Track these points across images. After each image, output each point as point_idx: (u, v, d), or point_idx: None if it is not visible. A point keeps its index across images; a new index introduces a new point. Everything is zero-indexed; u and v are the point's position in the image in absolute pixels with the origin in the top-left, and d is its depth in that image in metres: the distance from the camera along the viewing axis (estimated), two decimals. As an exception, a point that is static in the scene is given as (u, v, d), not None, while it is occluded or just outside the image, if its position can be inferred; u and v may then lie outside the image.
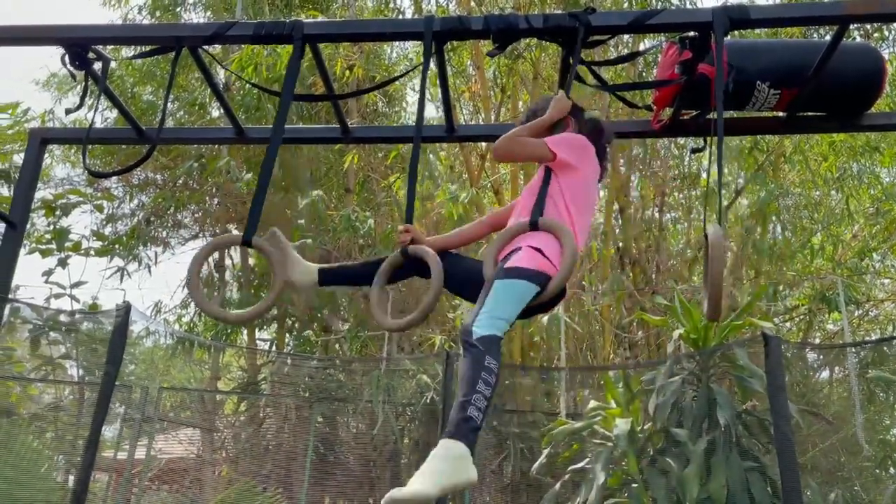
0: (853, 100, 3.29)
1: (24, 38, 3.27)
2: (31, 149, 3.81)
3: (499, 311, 2.33)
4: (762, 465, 4.92)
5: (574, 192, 2.65)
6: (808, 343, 9.30)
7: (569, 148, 2.67)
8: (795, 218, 10.27)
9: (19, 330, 7.24)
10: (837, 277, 8.50)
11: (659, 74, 3.32)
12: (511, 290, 2.38)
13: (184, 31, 3.31)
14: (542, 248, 2.46)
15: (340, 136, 3.82)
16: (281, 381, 9.19)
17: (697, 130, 3.50)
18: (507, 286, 2.38)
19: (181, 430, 9.31)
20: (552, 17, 2.90)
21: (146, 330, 9.94)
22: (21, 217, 3.72)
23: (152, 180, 11.59)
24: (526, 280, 2.40)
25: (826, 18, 2.93)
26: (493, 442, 7.75)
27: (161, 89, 10.68)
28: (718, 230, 2.44)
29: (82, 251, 8.03)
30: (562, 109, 2.76)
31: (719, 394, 5.07)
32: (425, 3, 10.47)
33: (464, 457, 2.08)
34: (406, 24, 3.41)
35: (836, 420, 6.42)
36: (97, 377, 7.38)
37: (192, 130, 6.50)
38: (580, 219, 2.64)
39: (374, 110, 11.22)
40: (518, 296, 2.39)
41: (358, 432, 8.62)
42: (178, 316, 11.38)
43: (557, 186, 2.63)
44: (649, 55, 7.74)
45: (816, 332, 10.94)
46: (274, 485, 7.75)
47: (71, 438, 7.07)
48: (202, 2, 11.46)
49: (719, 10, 2.82)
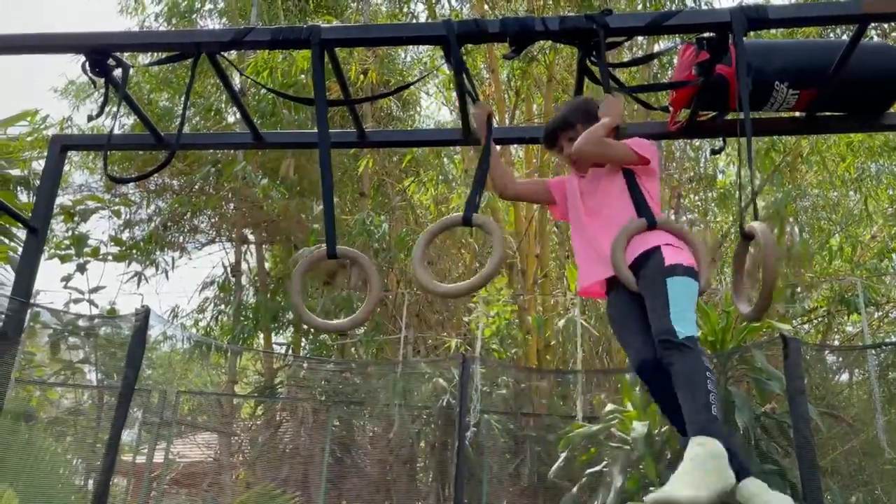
0: (873, 99, 3.26)
1: (45, 46, 3.31)
2: (51, 155, 3.85)
3: (687, 309, 2.36)
4: (782, 469, 4.88)
5: (656, 194, 2.76)
6: (828, 345, 9.22)
7: (651, 152, 2.75)
8: (813, 219, 10.19)
9: (39, 334, 7.32)
10: (856, 279, 8.42)
11: (676, 76, 3.30)
12: (688, 287, 2.42)
13: (202, 37, 3.33)
14: (682, 247, 2.54)
15: (357, 141, 3.83)
16: (297, 384, 9.22)
17: (715, 132, 3.48)
18: (685, 284, 2.41)
19: (199, 434, 9.35)
20: (569, 20, 2.89)
21: (164, 334, 10.01)
22: (42, 223, 3.76)
23: (169, 186, 11.68)
24: (693, 278, 2.45)
25: (844, 18, 2.91)
26: (510, 445, 7.74)
27: (177, 95, 10.78)
28: (766, 226, 2.42)
29: (101, 256, 8.11)
30: (618, 116, 2.79)
31: (737, 396, 5.03)
32: (438, 7, 10.51)
33: (722, 456, 2.07)
34: (424, 28, 3.42)
35: (857, 423, 6.35)
36: (116, 381, 7.44)
37: (210, 136, 6.54)
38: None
39: (388, 114, 11.26)
40: (693, 292, 2.44)
41: (374, 435, 8.62)
42: (196, 320, 11.47)
43: (642, 189, 2.69)
44: (664, 56, 7.72)
45: (836, 333, 10.83)
46: (291, 488, 7.76)
47: (90, 442, 7.12)
48: (218, 8, 11.57)
49: (737, 10, 2.80)
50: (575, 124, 2.82)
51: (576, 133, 2.79)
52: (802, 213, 9.91)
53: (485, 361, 7.92)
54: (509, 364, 8.96)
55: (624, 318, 2.64)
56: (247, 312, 10.57)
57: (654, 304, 2.39)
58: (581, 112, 2.86)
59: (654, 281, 2.42)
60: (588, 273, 2.76)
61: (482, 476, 7.44)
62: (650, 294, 2.43)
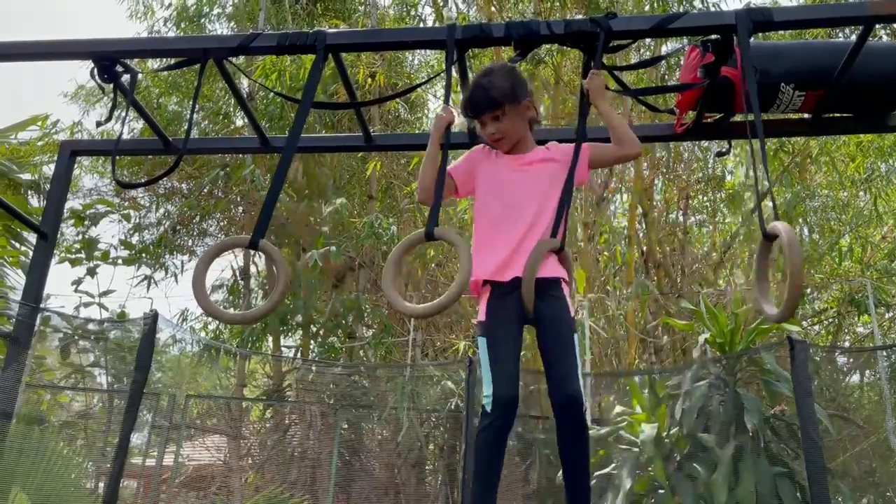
0: (880, 100, 3.25)
1: (55, 53, 3.34)
2: (61, 161, 3.89)
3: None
4: (791, 471, 4.86)
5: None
6: (837, 346, 9.17)
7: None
8: (823, 220, 10.14)
9: (49, 338, 7.37)
10: (866, 280, 8.37)
11: (682, 78, 3.31)
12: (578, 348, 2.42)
13: (210, 42, 3.35)
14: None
15: (363, 144, 3.85)
16: (306, 387, 9.24)
17: (721, 133, 3.48)
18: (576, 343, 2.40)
19: (208, 437, 9.39)
20: (573, 23, 2.90)
21: (173, 338, 10.05)
22: (52, 228, 3.79)
23: (178, 189, 11.73)
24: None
25: (851, 19, 2.90)
26: (519, 449, 7.73)
27: (185, 99, 10.83)
28: (789, 226, 2.38)
29: (110, 260, 8.16)
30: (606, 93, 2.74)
31: (746, 398, 5.02)
32: (446, 10, 10.51)
33: None
34: (428, 33, 3.43)
35: (868, 424, 6.32)
36: (125, 385, 7.48)
37: (218, 140, 6.58)
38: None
39: (395, 117, 11.27)
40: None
41: (383, 439, 8.64)
42: (205, 324, 11.50)
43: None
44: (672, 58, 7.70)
45: (846, 335, 10.77)
46: (300, 491, 7.78)
47: (100, 446, 7.16)
48: (226, 13, 11.61)
49: (743, 12, 2.79)
50: (503, 104, 2.61)
51: (502, 112, 2.61)
52: (812, 213, 9.86)
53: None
54: (518, 366, 8.92)
55: (507, 337, 2.41)
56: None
57: (564, 358, 2.33)
58: (511, 92, 2.62)
59: (566, 328, 2.39)
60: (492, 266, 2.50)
61: (491, 479, 7.42)
62: (559, 343, 2.37)
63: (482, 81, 2.66)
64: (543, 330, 2.43)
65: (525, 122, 2.68)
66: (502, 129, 2.64)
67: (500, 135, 2.64)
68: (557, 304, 2.44)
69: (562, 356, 2.35)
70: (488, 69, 2.75)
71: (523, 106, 2.65)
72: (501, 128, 2.63)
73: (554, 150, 2.70)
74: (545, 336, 2.42)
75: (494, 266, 2.49)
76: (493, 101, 2.61)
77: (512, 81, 2.64)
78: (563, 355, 2.35)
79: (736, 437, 5.03)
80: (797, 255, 2.27)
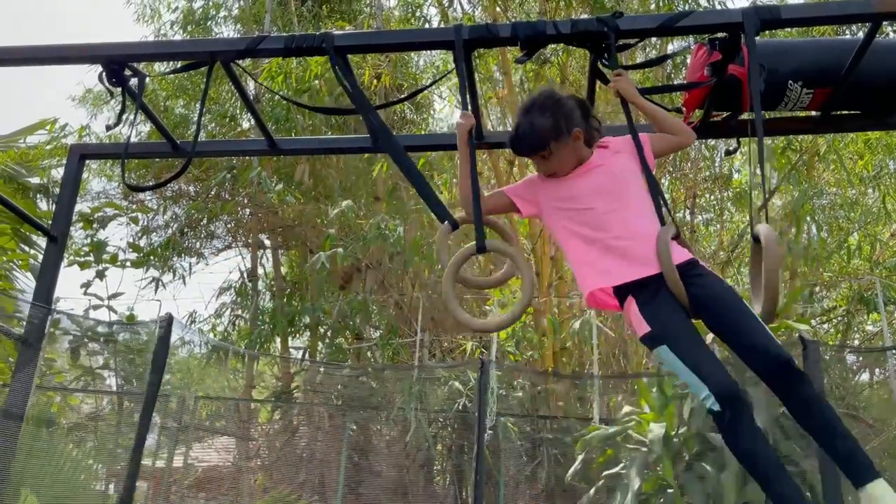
0: (887, 97, 3.24)
1: (64, 57, 3.36)
2: (70, 164, 3.91)
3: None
4: (802, 470, 4.84)
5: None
6: (847, 346, 9.13)
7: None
8: (831, 218, 10.10)
9: (59, 340, 7.40)
10: (876, 278, 8.33)
11: (688, 76, 3.30)
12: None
13: (217, 45, 3.36)
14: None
15: (369, 146, 3.85)
16: (314, 389, 9.26)
17: (729, 132, 3.47)
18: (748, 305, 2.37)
19: (217, 439, 9.42)
20: (580, 23, 2.89)
21: (181, 340, 10.10)
22: (62, 231, 3.81)
23: (185, 192, 11.79)
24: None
25: (857, 17, 2.89)
26: (527, 448, 7.73)
27: (193, 102, 10.87)
28: (770, 229, 2.39)
29: (119, 263, 8.19)
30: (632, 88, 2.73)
31: (755, 397, 4.99)
32: (451, 10, 10.52)
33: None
34: (435, 34, 3.44)
35: (878, 423, 6.29)
36: (135, 387, 7.51)
37: (226, 143, 6.60)
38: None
39: (402, 118, 11.28)
40: None
41: (391, 439, 8.64)
42: (213, 325, 11.54)
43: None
44: (679, 56, 7.69)
45: (856, 333, 10.73)
46: (308, 493, 7.80)
47: (111, 447, 7.19)
48: (232, 15, 11.65)
49: (750, 10, 2.79)
50: (548, 145, 2.52)
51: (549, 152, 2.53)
52: (820, 211, 9.82)
53: (501, 364, 7.92)
54: (525, 367, 8.94)
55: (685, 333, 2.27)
56: (263, 317, 10.64)
57: (750, 323, 2.22)
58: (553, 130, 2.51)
59: (730, 298, 2.27)
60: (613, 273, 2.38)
61: (499, 479, 7.44)
62: (737, 310, 2.25)
63: (523, 122, 2.56)
64: (710, 311, 2.31)
65: (577, 150, 2.57)
66: (553, 167, 2.58)
67: (551, 171, 2.59)
68: (707, 280, 2.34)
69: (747, 325, 2.22)
70: (529, 105, 2.61)
71: (572, 137, 2.53)
72: (552, 165, 2.57)
73: (614, 143, 2.66)
74: (717, 316, 2.30)
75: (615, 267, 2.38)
76: (535, 144, 2.53)
77: (554, 116, 2.51)
78: (747, 323, 2.23)
79: (745, 436, 5.01)
80: (774, 257, 2.30)
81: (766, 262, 2.30)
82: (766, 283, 2.30)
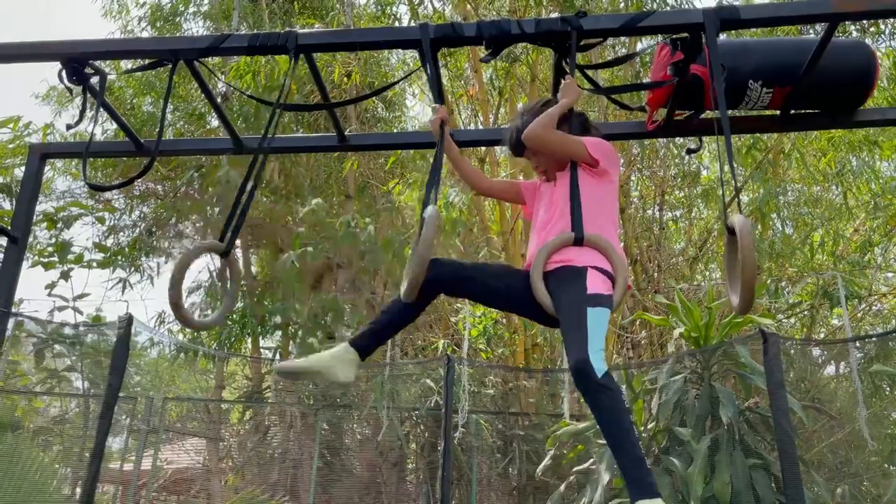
0: (846, 96, 3.30)
1: (23, 55, 3.30)
2: (30, 164, 3.84)
3: (600, 343, 2.29)
4: (766, 462, 4.92)
5: (611, 202, 2.67)
6: (810, 339, 9.29)
7: (607, 156, 2.65)
8: (796, 214, 10.27)
9: (24, 343, 7.28)
10: (837, 273, 8.49)
11: (652, 76, 3.33)
12: (603, 319, 2.35)
13: (179, 44, 3.32)
14: (605, 270, 2.48)
15: (337, 145, 3.83)
16: (285, 389, 9.21)
17: (692, 130, 3.52)
18: (600, 315, 2.34)
19: (187, 440, 9.33)
20: (544, 22, 2.91)
21: (150, 341, 9.98)
22: (23, 231, 3.75)
23: (153, 191, 11.63)
24: (609, 308, 2.41)
25: (815, 17, 2.93)
26: (499, 445, 7.76)
27: (160, 100, 10.73)
28: (745, 219, 2.39)
29: (85, 263, 8.07)
30: (575, 97, 2.73)
31: (722, 392, 5.07)
32: (422, 8, 10.51)
33: None
34: (401, 33, 3.42)
35: (841, 415, 6.41)
36: (102, 389, 7.40)
37: (191, 142, 6.53)
38: (615, 233, 2.63)
39: (373, 116, 11.25)
40: (606, 324, 2.38)
41: (363, 438, 8.63)
42: (182, 326, 11.41)
43: (593, 195, 2.60)
44: (646, 55, 7.76)
45: (821, 327, 10.92)
46: (280, 493, 7.76)
47: (77, 451, 7.09)
48: (202, 11, 11.52)
49: (710, 11, 2.83)
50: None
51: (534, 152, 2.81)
52: (785, 208, 9.98)
53: (472, 361, 7.95)
54: (497, 364, 8.98)
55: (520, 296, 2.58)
56: (234, 317, 10.54)
57: (571, 331, 2.32)
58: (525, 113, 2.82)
59: (574, 305, 2.36)
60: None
61: (471, 476, 7.46)
62: (567, 317, 2.37)
63: (516, 124, 2.84)
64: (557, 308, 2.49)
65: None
66: (542, 164, 2.83)
67: (541, 167, 2.84)
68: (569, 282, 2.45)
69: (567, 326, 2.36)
70: (523, 109, 2.91)
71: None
72: (541, 162, 2.83)
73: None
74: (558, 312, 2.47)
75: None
76: (521, 144, 2.76)
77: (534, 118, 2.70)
78: (568, 324, 2.36)
79: (711, 430, 5.09)
80: (749, 248, 2.30)
81: (741, 252, 2.31)
82: (742, 273, 2.31)
